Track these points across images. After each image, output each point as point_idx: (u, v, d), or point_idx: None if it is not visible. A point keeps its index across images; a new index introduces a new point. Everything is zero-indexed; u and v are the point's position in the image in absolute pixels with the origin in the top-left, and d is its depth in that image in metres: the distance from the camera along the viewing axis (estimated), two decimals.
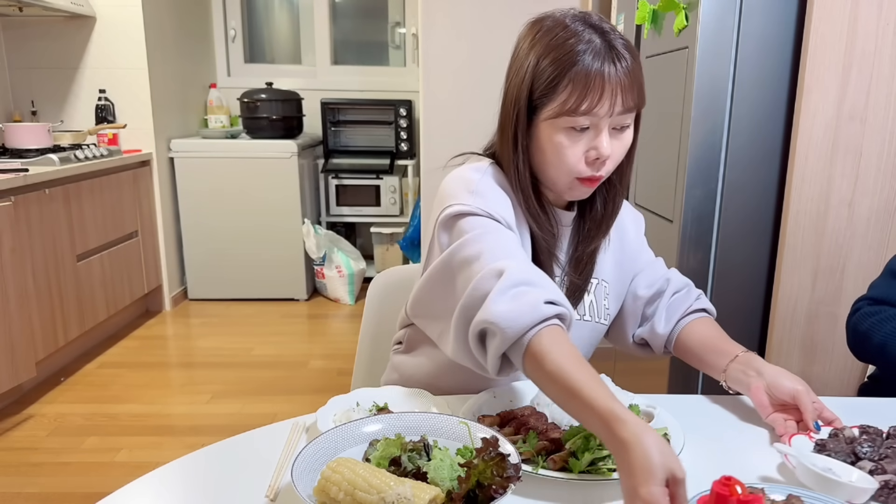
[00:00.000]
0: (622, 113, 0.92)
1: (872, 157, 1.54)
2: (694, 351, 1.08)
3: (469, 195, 0.96)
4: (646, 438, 0.67)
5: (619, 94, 0.90)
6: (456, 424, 0.84)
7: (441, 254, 0.96)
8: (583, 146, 0.94)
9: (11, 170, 2.55)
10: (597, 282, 1.10)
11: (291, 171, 3.75)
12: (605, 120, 0.92)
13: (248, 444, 0.91)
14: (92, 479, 2.12)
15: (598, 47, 0.90)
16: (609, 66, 0.90)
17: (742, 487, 0.62)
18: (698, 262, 1.67)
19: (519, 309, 0.83)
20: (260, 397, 2.71)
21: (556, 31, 0.93)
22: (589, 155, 0.94)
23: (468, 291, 0.89)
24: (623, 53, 0.91)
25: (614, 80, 0.90)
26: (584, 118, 0.91)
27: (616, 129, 0.95)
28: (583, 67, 0.89)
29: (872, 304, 1.21)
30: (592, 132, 0.93)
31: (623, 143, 0.96)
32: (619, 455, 0.69)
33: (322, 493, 0.71)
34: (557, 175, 0.98)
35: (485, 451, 0.73)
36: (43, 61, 3.42)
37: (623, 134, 0.96)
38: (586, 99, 0.90)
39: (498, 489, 0.70)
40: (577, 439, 0.84)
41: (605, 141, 0.93)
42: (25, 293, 2.53)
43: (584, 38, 0.91)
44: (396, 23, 4.42)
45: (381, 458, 0.77)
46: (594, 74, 0.89)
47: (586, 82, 0.89)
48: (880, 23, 1.47)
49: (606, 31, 0.92)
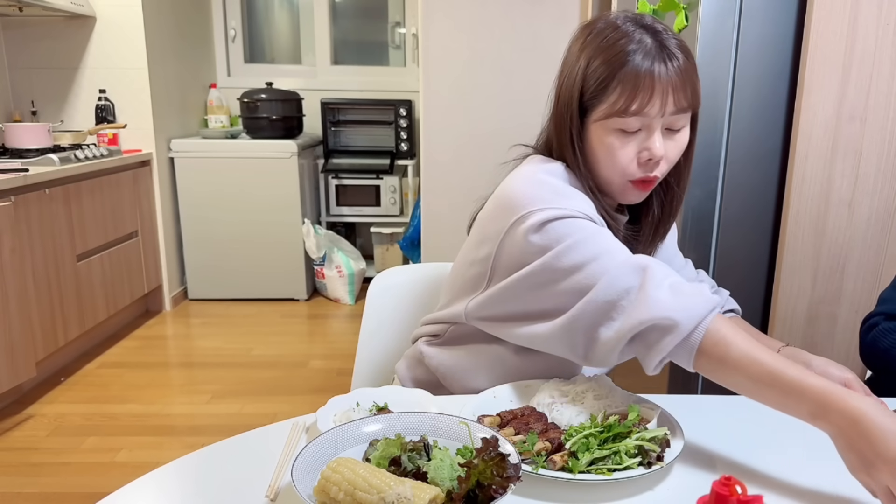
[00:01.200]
0: (675, 113, 0.91)
1: (872, 157, 1.54)
2: None
3: (557, 197, 0.93)
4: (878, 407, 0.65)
5: (670, 94, 0.89)
6: (456, 424, 0.84)
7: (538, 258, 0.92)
8: (635, 147, 0.93)
9: (11, 170, 2.55)
10: None
11: (291, 171, 3.75)
12: (658, 120, 0.91)
13: (248, 444, 0.91)
14: (92, 479, 2.12)
15: (649, 47, 0.89)
16: (660, 66, 0.88)
17: (742, 487, 0.62)
18: (698, 262, 1.67)
19: (689, 301, 0.81)
20: (260, 397, 2.71)
21: (606, 32, 0.92)
22: (641, 156, 0.93)
23: (601, 289, 0.85)
24: (675, 53, 0.90)
25: (665, 79, 0.88)
26: (634, 119, 0.90)
27: (670, 129, 0.93)
28: (632, 67, 0.88)
29: (889, 319, 1.20)
30: (644, 133, 0.92)
31: (678, 144, 0.95)
32: (853, 428, 0.66)
33: (322, 493, 0.71)
34: (611, 177, 0.97)
35: (485, 451, 0.73)
36: (43, 61, 3.42)
37: (678, 135, 0.95)
38: (636, 99, 0.89)
39: (498, 489, 0.70)
40: (578, 439, 0.84)
41: (657, 142, 0.92)
42: (25, 293, 2.53)
43: (634, 38, 0.90)
44: (396, 23, 4.42)
45: (381, 458, 0.77)
46: (644, 74, 0.88)
47: (636, 82, 0.88)
48: (880, 23, 1.47)
49: (659, 31, 0.91)
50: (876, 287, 1.60)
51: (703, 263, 1.67)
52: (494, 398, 0.99)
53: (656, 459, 0.82)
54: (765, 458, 0.89)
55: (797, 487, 0.83)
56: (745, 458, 0.89)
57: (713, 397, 1.08)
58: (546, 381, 1.02)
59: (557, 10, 2.79)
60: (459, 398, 1.01)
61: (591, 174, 0.99)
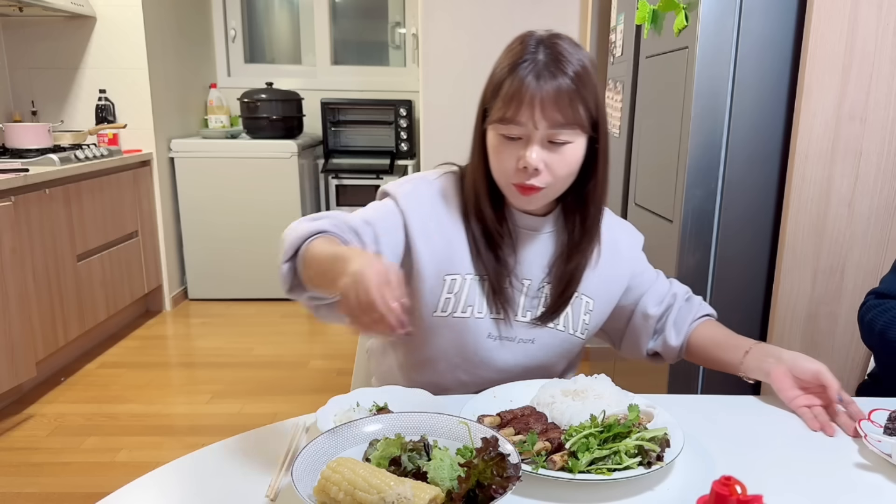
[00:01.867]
0: (550, 128, 0.95)
1: (872, 157, 1.54)
2: (707, 352, 1.14)
3: (402, 184, 1.09)
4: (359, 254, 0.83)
5: (543, 109, 0.94)
6: (456, 424, 0.84)
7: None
8: (515, 154, 0.98)
9: (12, 170, 2.55)
10: (577, 296, 1.12)
11: (291, 171, 3.75)
12: (536, 132, 0.96)
13: (248, 444, 0.91)
14: (92, 479, 2.12)
15: (539, 63, 0.95)
16: (540, 81, 0.94)
17: (742, 487, 0.62)
18: (698, 262, 1.68)
19: (300, 228, 0.97)
20: (260, 397, 2.71)
21: (514, 44, 1.00)
22: (518, 163, 0.98)
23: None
24: (564, 72, 0.95)
25: (539, 94, 0.94)
26: (514, 127, 0.96)
27: (553, 143, 0.97)
28: (516, 78, 0.95)
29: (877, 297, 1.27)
30: (524, 142, 0.98)
31: (563, 158, 0.98)
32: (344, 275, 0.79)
33: (322, 492, 0.71)
34: (498, 178, 1.03)
35: (485, 451, 0.74)
36: (43, 61, 3.42)
37: (562, 149, 0.98)
38: (510, 108, 0.95)
39: (498, 489, 0.70)
40: (578, 439, 0.84)
41: (532, 152, 0.96)
42: (25, 293, 2.53)
43: (529, 51, 0.96)
44: (396, 23, 4.42)
45: (381, 458, 0.77)
46: (523, 86, 0.94)
47: (514, 93, 0.95)
48: (880, 23, 1.47)
49: (560, 52, 0.96)
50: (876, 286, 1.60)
51: (703, 263, 1.67)
52: (494, 398, 0.99)
53: (656, 459, 0.82)
54: (765, 458, 0.89)
55: (797, 487, 0.83)
56: (745, 458, 0.89)
57: (713, 397, 1.08)
58: (546, 381, 1.02)
59: (557, 10, 2.80)
60: (459, 398, 1.01)
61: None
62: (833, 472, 0.87)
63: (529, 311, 1.11)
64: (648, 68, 1.98)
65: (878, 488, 0.83)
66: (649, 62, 1.97)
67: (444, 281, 1.07)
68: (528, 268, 1.10)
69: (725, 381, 1.74)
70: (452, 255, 1.07)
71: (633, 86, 2.14)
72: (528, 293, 1.10)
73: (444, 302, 1.07)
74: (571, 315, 1.13)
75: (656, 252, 1.86)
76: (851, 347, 1.63)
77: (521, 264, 1.10)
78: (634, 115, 2.11)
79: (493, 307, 1.08)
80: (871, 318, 1.23)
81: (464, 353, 1.10)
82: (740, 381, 1.43)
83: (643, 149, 2.02)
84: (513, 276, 1.09)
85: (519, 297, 1.10)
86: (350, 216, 1.03)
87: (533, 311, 1.10)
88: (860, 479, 0.85)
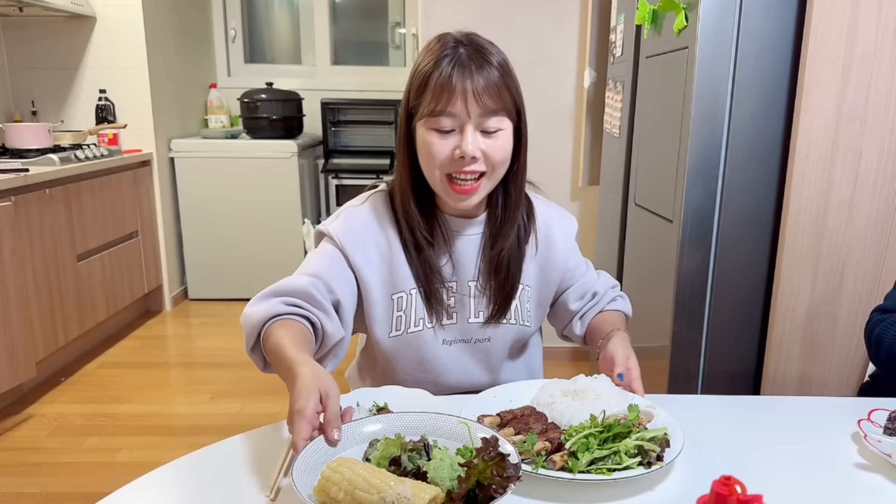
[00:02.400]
0: (483, 116, 0.99)
1: (872, 157, 1.54)
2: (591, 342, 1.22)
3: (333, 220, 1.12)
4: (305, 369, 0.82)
5: (475, 97, 0.98)
6: (456, 424, 0.84)
7: None
8: (450, 146, 1.01)
9: (12, 170, 2.55)
10: (521, 287, 1.16)
11: (291, 171, 3.75)
12: (468, 121, 0.99)
13: (248, 444, 0.91)
14: (92, 479, 2.12)
15: (462, 57, 0.99)
16: (466, 73, 0.98)
17: (742, 487, 0.62)
18: (698, 262, 1.68)
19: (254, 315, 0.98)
20: (260, 397, 2.71)
21: (431, 43, 1.04)
22: (455, 153, 1.00)
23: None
24: (488, 62, 0.99)
25: (471, 83, 0.98)
26: (446, 119, 0.99)
27: (486, 131, 1.01)
28: (443, 71, 0.99)
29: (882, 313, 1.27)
30: (458, 133, 1.01)
31: (498, 144, 1.02)
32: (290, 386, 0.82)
33: (322, 492, 0.71)
34: (431, 175, 1.05)
35: (485, 451, 0.74)
36: (43, 61, 3.42)
37: (495, 136, 1.02)
38: (441, 100, 0.98)
39: (498, 489, 0.70)
40: (577, 439, 0.84)
41: (467, 139, 0.99)
42: (25, 293, 2.53)
43: (449, 47, 1.01)
44: (396, 23, 4.42)
45: (381, 458, 0.77)
46: (452, 77, 0.98)
47: (443, 84, 0.98)
48: (880, 23, 1.47)
49: (479, 46, 1.01)
50: (876, 287, 1.60)
51: (703, 263, 1.67)
52: (494, 398, 0.99)
53: (656, 459, 0.82)
54: (765, 458, 0.89)
55: (797, 487, 0.83)
56: (745, 458, 0.89)
57: (713, 397, 1.08)
58: (546, 381, 1.02)
59: (557, 10, 2.79)
60: (459, 398, 1.01)
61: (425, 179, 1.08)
62: (833, 472, 0.87)
63: (481, 311, 1.13)
64: (648, 68, 1.98)
65: (878, 488, 0.83)
66: (649, 62, 1.97)
67: (393, 300, 1.10)
68: (467, 270, 1.12)
69: (725, 381, 1.74)
70: (394, 274, 1.09)
71: (633, 86, 2.14)
72: (474, 294, 1.13)
73: (396, 321, 1.10)
74: (520, 307, 1.16)
75: (656, 252, 1.86)
76: (851, 347, 1.63)
77: (461, 267, 1.12)
78: (634, 115, 2.11)
79: (442, 315, 1.11)
80: (880, 332, 1.22)
81: (424, 366, 1.13)
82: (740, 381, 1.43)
83: (643, 149, 2.02)
84: (452, 281, 1.11)
85: (465, 299, 1.12)
86: (298, 280, 1.04)
87: (484, 311, 1.13)
88: (860, 479, 0.85)
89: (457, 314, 1.12)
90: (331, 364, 1.10)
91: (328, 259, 1.08)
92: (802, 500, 0.80)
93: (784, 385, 1.66)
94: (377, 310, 1.10)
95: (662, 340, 1.77)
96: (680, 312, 1.71)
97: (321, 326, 1.01)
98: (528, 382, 1.04)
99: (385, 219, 1.11)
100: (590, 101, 2.77)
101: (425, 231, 1.08)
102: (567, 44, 2.82)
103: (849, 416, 0.97)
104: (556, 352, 3.04)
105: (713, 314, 1.70)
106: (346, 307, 1.07)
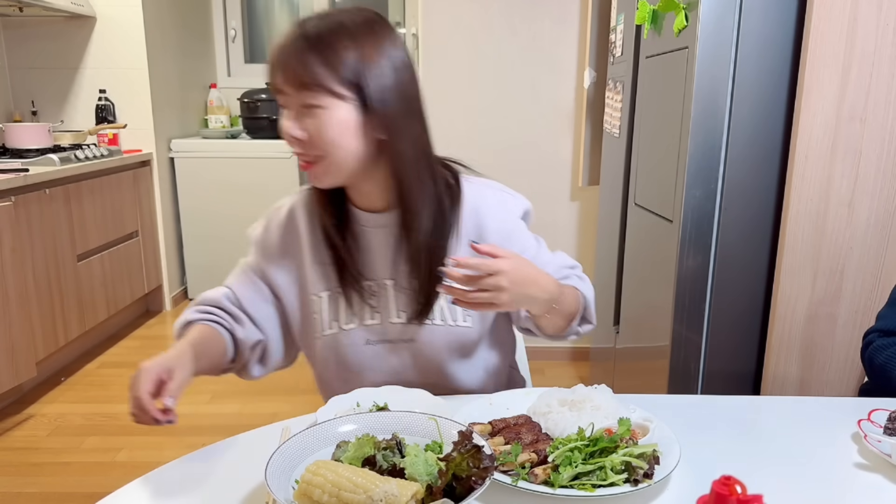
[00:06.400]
0: (297, 91, 0.92)
1: (872, 158, 1.54)
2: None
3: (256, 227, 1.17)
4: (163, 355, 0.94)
5: (283, 71, 0.92)
6: (424, 421, 0.84)
7: None
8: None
9: (12, 170, 2.55)
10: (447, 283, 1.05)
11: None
12: (290, 98, 0.94)
13: (248, 444, 0.91)
14: (92, 479, 2.12)
15: (290, 32, 0.94)
16: (283, 46, 0.93)
17: (742, 487, 0.62)
18: (698, 263, 1.68)
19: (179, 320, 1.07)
20: (260, 397, 2.70)
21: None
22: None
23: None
24: (305, 36, 0.92)
25: (282, 56, 0.93)
26: (278, 95, 0.96)
27: (307, 107, 0.93)
28: (271, 47, 0.96)
29: (883, 335, 1.23)
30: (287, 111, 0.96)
31: (317, 123, 0.93)
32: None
33: (304, 497, 0.70)
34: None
35: (461, 444, 0.74)
36: (43, 61, 3.42)
37: (315, 113, 0.92)
38: (269, 74, 0.95)
39: (477, 480, 0.70)
40: (561, 452, 0.80)
41: (284, 118, 0.96)
42: (26, 293, 2.53)
43: (291, 26, 0.95)
44: (396, 23, 4.42)
45: (355, 459, 0.76)
46: (273, 52, 0.94)
47: (270, 59, 0.95)
48: (880, 23, 1.47)
49: (309, 20, 0.94)
50: (876, 287, 1.60)
51: (702, 264, 1.67)
52: (490, 405, 0.97)
53: (643, 477, 0.78)
54: (765, 458, 0.89)
55: (797, 487, 0.83)
56: (745, 458, 0.89)
57: (713, 397, 1.08)
58: (546, 390, 0.99)
59: (557, 10, 2.79)
60: (460, 398, 1.01)
61: None
62: (833, 472, 0.87)
63: (404, 312, 1.07)
64: (648, 68, 1.98)
65: (878, 488, 0.83)
66: (649, 62, 1.97)
67: (309, 302, 1.09)
68: (382, 267, 1.06)
69: (725, 381, 1.74)
70: (307, 276, 1.08)
71: (633, 86, 2.14)
72: (393, 293, 1.07)
73: (312, 323, 1.09)
74: (447, 305, 1.07)
75: (656, 252, 1.86)
76: (851, 348, 1.63)
77: (375, 265, 1.06)
78: (634, 115, 2.11)
79: (364, 314, 1.07)
80: (884, 360, 1.18)
81: (346, 366, 1.09)
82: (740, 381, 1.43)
83: (643, 149, 2.02)
84: (369, 280, 1.06)
85: (384, 297, 1.07)
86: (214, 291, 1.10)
87: (407, 311, 1.06)
88: (860, 479, 0.85)
89: (380, 314, 1.07)
90: (258, 370, 1.11)
91: (242, 273, 1.13)
92: (802, 500, 0.80)
93: (784, 385, 1.66)
94: (294, 315, 1.10)
95: (662, 340, 1.77)
96: (680, 312, 1.71)
97: (233, 331, 1.06)
98: (527, 390, 1.01)
99: (302, 217, 1.10)
100: (590, 101, 2.77)
101: (334, 227, 1.04)
102: (567, 44, 2.82)
103: (849, 416, 0.96)
104: (557, 352, 3.04)
105: (713, 314, 1.70)
106: (261, 318, 1.09)
